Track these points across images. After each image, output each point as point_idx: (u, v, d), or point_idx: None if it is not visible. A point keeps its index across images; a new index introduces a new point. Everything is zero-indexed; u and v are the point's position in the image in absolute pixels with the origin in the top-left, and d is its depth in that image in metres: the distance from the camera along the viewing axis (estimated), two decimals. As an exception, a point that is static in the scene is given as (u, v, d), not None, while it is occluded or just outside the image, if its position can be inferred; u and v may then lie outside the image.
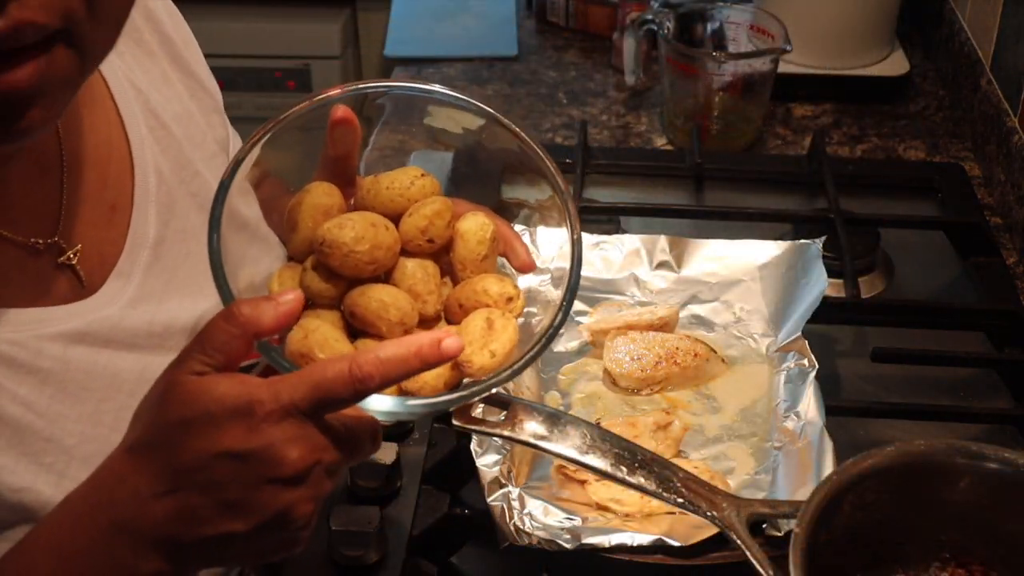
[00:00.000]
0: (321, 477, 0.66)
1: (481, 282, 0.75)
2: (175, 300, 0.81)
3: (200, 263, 0.77)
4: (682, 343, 1.04)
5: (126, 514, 0.65)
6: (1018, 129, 1.34)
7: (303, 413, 0.64)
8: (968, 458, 0.81)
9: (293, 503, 0.65)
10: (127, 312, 0.78)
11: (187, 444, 0.64)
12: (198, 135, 0.90)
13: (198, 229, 0.83)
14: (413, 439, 1.03)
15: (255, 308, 0.66)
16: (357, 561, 0.91)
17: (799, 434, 0.93)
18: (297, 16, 2.27)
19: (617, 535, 0.85)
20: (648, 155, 1.47)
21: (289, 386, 0.64)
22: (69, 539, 0.66)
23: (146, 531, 0.65)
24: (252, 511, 0.64)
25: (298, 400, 0.64)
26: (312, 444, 0.65)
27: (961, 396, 1.09)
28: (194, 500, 0.64)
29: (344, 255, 0.70)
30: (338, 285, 0.72)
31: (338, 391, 0.64)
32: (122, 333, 0.77)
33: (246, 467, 0.63)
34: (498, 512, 0.86)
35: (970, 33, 1.54)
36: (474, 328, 0.73)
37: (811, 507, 0.76)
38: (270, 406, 0.63)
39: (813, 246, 1.09)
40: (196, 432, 0.63)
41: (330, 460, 0.66)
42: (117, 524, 0.65)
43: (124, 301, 0.78)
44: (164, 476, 0.64)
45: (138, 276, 0.80)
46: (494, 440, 0.90)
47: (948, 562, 0.83)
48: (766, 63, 1.42)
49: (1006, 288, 1.21)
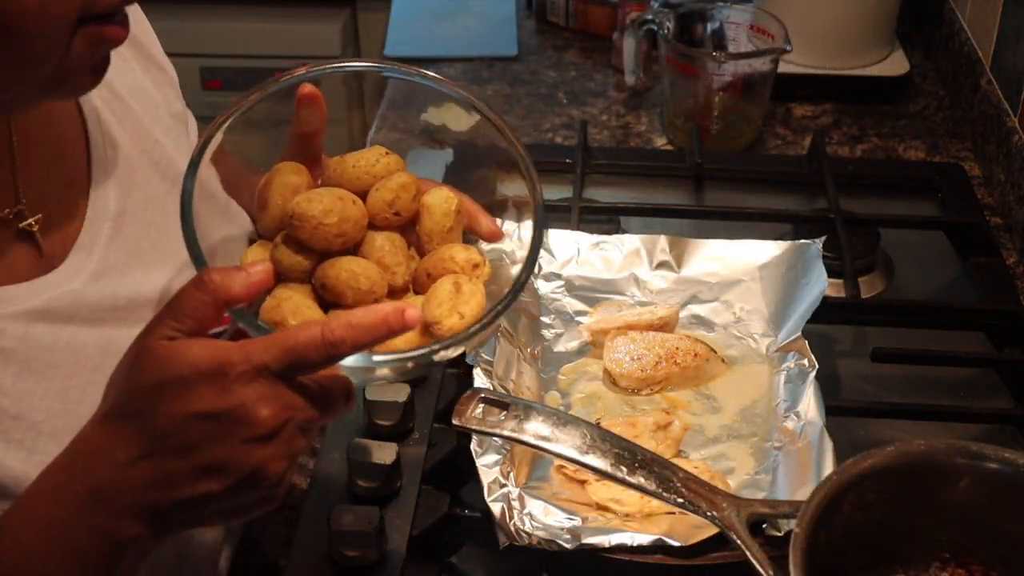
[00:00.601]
0: (294, 435, 0.67)
1: (448, 251, 0.78)
2: (139, 272, 0.81)
3: (164, 233, 0.81)
4: (682, 343, 1.04)
5: (103, 481, 0.66)
6: (1018, 129, 1.34)
7: (274, 374, 0.65)
8: (968, 458, 0.81)
9: (266, 461, 0.66)
10: (89, 286, 0.78)
11: (161, 408, 0.65)
12: (153, 108, 0.90)
13: (161, 199, 0.84)
14: (413, 439, 1.03)
15: (226, 276, 0.67)
16: (357, 561, 0.91)
17: (799, 434, 0.93)
18: (297, 16, 2.27)
19: (617, 535, 0.85)
20: (648, 155, 1.47)
21: (261, 348, 0.66)
22: (48, 510, 0.67)
23: (124, 497, 0.66)
24: (227, 471, 0.66)
25: (270, 361, 0.65)
26: (283, 403, 0.66)
27: (961, 396, 1.09)
28: (169, 463, 0.65)
29: (313, 227, 0.73)
30: (309, 258, 0.74)
31: (310, 355, 0.66)
32: (85, 308, 0.77)
33: (219, 427, 0.65)
34: (498, 512, 0.86)
35: (970, 33, 1.54)
36: (442, 292, 0.75)
37: (811, 507, 0.76)
38: (241, 367, 0.65)
39: (813, 246, 1.09)
40: (169, 395, 0.65)
41: (303, 418, 0.67)
42: (94, 492, 0.66)
43: (86, 275, 0.78)
44: (139, 441, 0.65)
45: (100, 249, 0.80)
46: (494, 440, 0.90)
47: (948, 562, 0.83)
48: (766, 63, 1.42)
49: (1006, 288, 1.21)
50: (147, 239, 0.83)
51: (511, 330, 1.03)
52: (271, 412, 0.65)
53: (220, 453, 0.65)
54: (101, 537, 0.67)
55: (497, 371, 0.98)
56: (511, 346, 1.01)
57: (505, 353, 1.00)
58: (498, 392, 0.92)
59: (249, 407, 0.65)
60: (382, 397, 1.01)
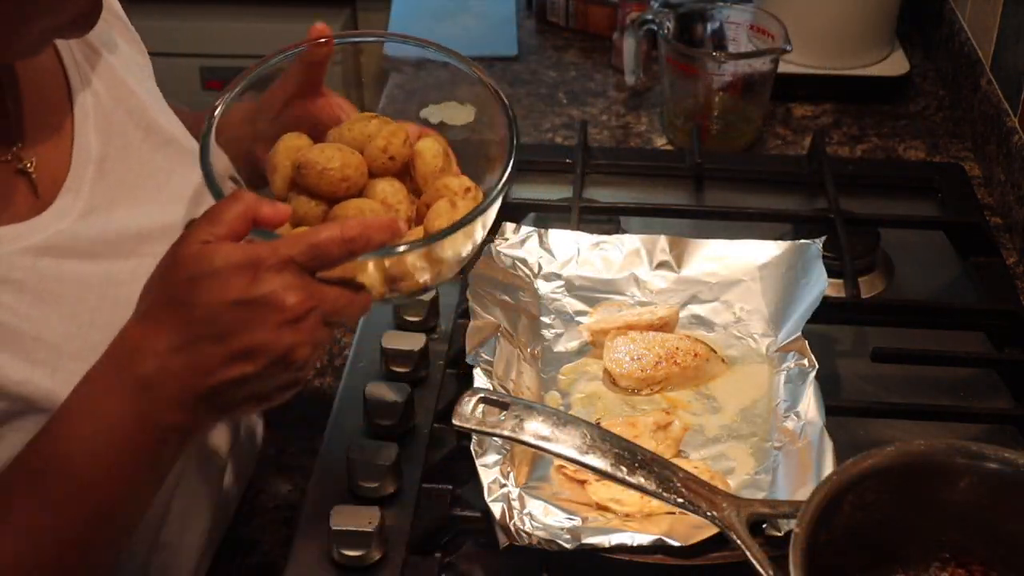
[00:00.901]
0: (318, 323, 0.74)
1: (441, 181, 0.87)
2: (123, 210, 0.87)
3: (142, 176, 0.89)
4: (682, 343, 1.04)
5: (147, 372, 0.73)
6: (1018, 129, 1.34)
7: (300, 266, 0.73)
8: (968, 458, 0.81)
9: (294, 345, 0.73)
10: (80, 224, 0.83)
11: (198, 299, 0.72)
12: (124, 59, 0.95)
13: (136, 145, 0.90)
14: (413, 439, 1.03)
15: (258, 197, 0.76)
16: (357, 561, 0.91)
17: (799, 434, 0.93)
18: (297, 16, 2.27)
19: (617, 535, 0.85)
20: (648, 155, 1.47)
21: (288, 244, 0.74)
22: (98, 403, 0.74)
23: (167, 385, 0.73)
24: (259, 354, 0.73)
25: (295, 255, 0.73)
26: (308, 292, 0.74)
27: (961, 396, 1.09)
28: (207, 350, 0.72)
29: (319, 172, 0.83)
30: (320, 205, 0.84)
31: (331, 249, 0.74)
32: (80, 243, 0.83)
33: (252, 314, 0.72)
34: (498, 512, 0.86)
35: (970, 33, 1.54)
36: (439, 208, 0.85)
37: (811, 507, 0.76)
38: (271, 260, 0.73)
39: (813, 246, 1.09)
40: (205, 287, 0.72)
41: (326, 309, 0.75)
42: (140, 382, 0.73)
43: (76, 214, 0.83)
44: (178, 332, 0.73)
45: (86, 191, 0.85)
46: (494, 440, 0.90)
47: (948, 562, 0.83)
48: (766, 63, 1.43)
49: (1006, 288, 1.21)
50: (127, 182, 0.88)
51: (511, 330, 1.03)
52: (298, 299, 0.73)
53: (253, 338, 0.72)
54: (147, 425, 0.74)
55: (497, 371, 0.98)
56: (511, 346, 1.02)
57: (505, 353, 1.00)
58: (498, 392, 0.92)
59: (279, 294, 0.72)
60: (382, 397, 1.02)
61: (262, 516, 1.00)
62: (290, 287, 0.73)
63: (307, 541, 0.95)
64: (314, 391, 1.12)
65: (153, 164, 0.90)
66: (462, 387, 0.95)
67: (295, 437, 1.07)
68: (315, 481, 1.01)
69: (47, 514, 0.74)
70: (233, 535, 0.99)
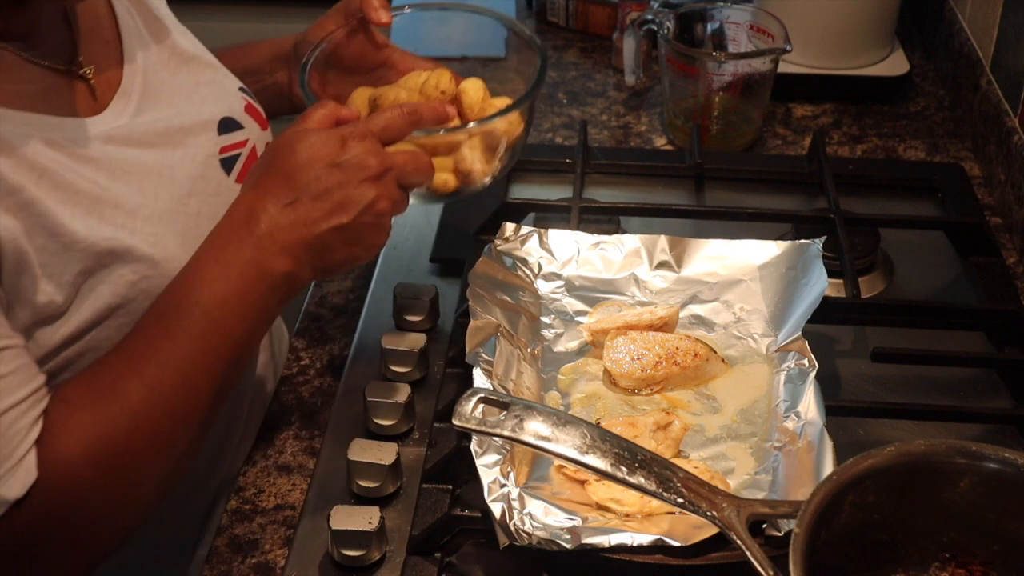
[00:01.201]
0: (393, 181, 0.95)
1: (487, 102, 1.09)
2: (165, 110, 1.03)
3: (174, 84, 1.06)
4: (682, 343, 1.04)
5: (261, 228, 0.91)
6: (1018, 129, 1.34)
7: (376, 137, 0.95)
8: (968, 458, 0.81)
9: (377, 197, 0.93)
10: (135, 121, 1.00)
11: (298, 165, 0.92)
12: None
13: (165, 61, 1.06)
14: (413, 439, 1.03)
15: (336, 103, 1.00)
16: (357, 561, 0.91)
17: (799, 434, 0.93)
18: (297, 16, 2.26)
19: (617, 535, 0.85)
20: (648, 155, 1.47)
21: (365, 122, 0.97)
22: (225, 254, 0.91)
23: (278, 237, 0.91)
24: (351, 204, 0.92)
25: (371, 127, 0.96)
26: (384, 155, 0.95)
27: (961, 396, 1.09)
28: (310, 205, 0.91)
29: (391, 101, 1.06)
30: None
31: (397, 121, 0.98)
32: (137, 135, 0.99)
33: (343, 173, 0.92)
34: (498, 512, 0.86)
35: (970, 33, 1.54)
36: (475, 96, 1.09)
37: (811, 507, 0.76)
38: (354, 132, 0.94)
39: (813, 246, 1.10)
40: (306, 155, 0.93)
41: (398, 169, 0.95)
42: (256, 237, 0.91)
43: (130, 112, 1.00)
44: (286, 193, 0.92)
45: (136, 94, 1.01)
46: (494, 440, 0.90)
47: (948, 562, 0.83)
48: (766, 63, 1.43)
49: (1006, 288, 1.21)
50: (164, 89, 1.05)
51: (511, 330, 1.03)
52: (378, 161, 0.94)
53: (345, 192, 0.92)
54: (263, 270, 0.91)
55: (497, 371, 0.98)
56: (511, 346, 1.02)
57: (505, 353, 1.00)
58: (498, 392, 0.92)
59: (363, 156, 0.93)
60: (382, 397, 1.02)
61: (262, 516, 1.00)
62: (371, 151, 0.93)
63: (307, 541, 0.95)
64: (314, 391, 1.12)
65: (180, 76, 1.07)
66: (462, 387, 0.95)
67: (295, 437, 1.07)
68: (315, 481, 1.01)
69: (183, 342, 0.89)
70: (233, 535, 0.99)
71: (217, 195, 1.02)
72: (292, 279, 0.92)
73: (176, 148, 1.01)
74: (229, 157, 1.06)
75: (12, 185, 0.86)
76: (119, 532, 0.90)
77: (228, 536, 0.99)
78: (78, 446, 0.85)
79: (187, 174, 1.00)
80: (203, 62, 1.11)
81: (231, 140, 1.07)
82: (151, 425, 0.88)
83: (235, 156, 1.07)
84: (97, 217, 0.91)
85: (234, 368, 0.93)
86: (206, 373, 0.90)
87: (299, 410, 1.11)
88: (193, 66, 1.09)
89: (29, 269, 0.87)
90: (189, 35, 1.12)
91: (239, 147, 1.08)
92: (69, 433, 0.85)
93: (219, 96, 1.09)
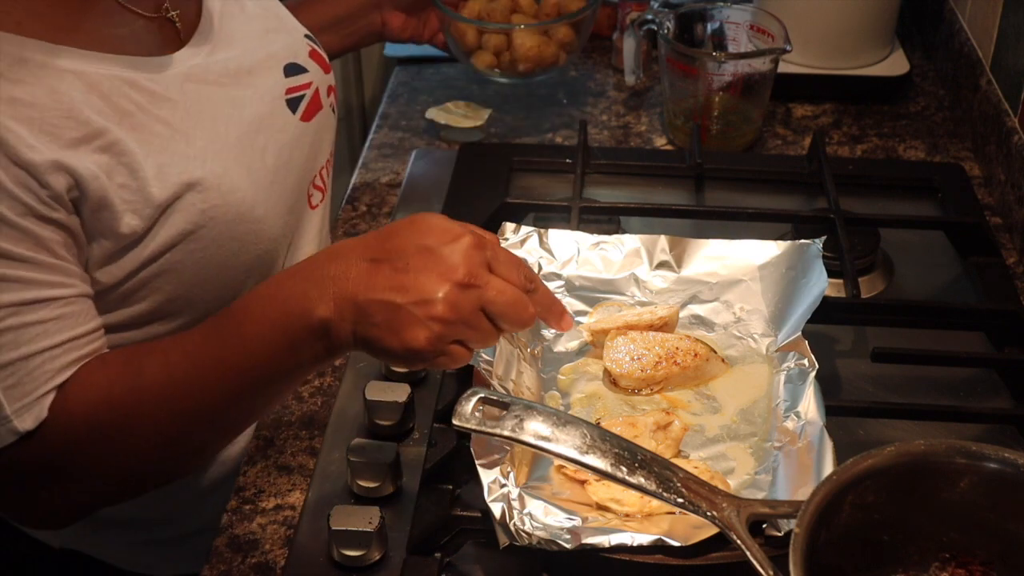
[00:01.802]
0: (475, 301, 0.86)
1: None
2: (237, 50, 1.11)
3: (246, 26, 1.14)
4: (682, 343, 1.04)
5: (332, 270, 0.88)
6: (1018, 129, 1.34)
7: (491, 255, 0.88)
8: (968, 458, 0.81)
9: (445, 301, 0.85)
10: (210, 59, 1.08)
11: (402, 234, 0.89)
12: None
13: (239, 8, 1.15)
14: (413, 439, 1.03)
15: None
16: (357, 561, 0.91)
17: (799, 434, 0.93)
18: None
19: (617, 535, 0.85)
20: (648, 155, 1.47)
21: (493, 236, 0.92)
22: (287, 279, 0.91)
23: (337, 284, 0.87)
24: (413, 289, 0.85)
25: (493, 242, 0.90)
26: (479, 269, 0.87)
27: (961, 396, 1.09)
28: (384, 271, 0.87)
29: None
30: None
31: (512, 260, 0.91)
32: (213, 74, 1.07)
33: (429, 259, 0.86)
34: (498, 512, 0.86)
35: (970, 33, 1.54)
36: None
37: (811, 507, 0.76)
38: (472, 234, 0.88)
39: (813, 246, 1.10)
40: (414, 230, 0.89)
41: (484, 293, 0.87)
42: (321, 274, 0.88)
43: (206, 51, 1.08)
44: (376, 250, 0.88)
45: (213, 35, 1.10)
46: (494, 440, 0.90)
47: (948, 562, 0.83)
48: (766, 63, 1.43)
49: (1006, 288, 1.21)
50: (238, 35, 1.13)
51: (511, 330, 1.03)
52: (470, 273, 0.86)
53: (420, 279, 0.86)
54: (305, 308, 0.88)
55: (497, 371, 0.98)
56: (511, 346, 1.02)
57: (505, 353, 1.00)
58: (498, 392, 0.92)
59: (457, 253, 0.86)
60: (382, 397, 1.02)
61: (262, 516, 1.00)
62: (467, 257, 0.87)
63: (307, 541, 0.95)
64: (314, 391, 1.12)
65: (251, 23, 1.15)
66: (462, 387, 0.95)
67: (295, 437, 1.07)
68: (315, 481, 1.01)
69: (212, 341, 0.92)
70: (233, 535, 0.99)
71: (283, 131, 1.11)
72: (330, 332, 0.88)
73: (246, 88, 1.09)
74: (295, 98, 1.15)
75: (98, 128, 0.94)
76: (112, 487, 0.99)
77: (228, 536, 0.99)
78: (84, 404, 0.92)
79: (255, 112, 1.09)
80: (272, 12, 1.21)
81: (296, 82, 1.16)
82: (156, 401, 0.93)
83: (300, 96, 1.15)
84: (167, 157, 0.99)
85: (252, 390, 0.93)
86: (221, 378, 0.92)
87: (299, 410, 1.11)
88: (263, 14, 1.18)
89: (110, 206, 0.95)
90: None
91: (304, 88, 1.16)
92: (85, 389, 0.93)
93: (285, 42, 1.18)
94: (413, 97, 1.60)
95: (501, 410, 0.86)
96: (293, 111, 1.14)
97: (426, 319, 0.85)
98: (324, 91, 1.20)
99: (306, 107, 1.16)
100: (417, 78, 1.65)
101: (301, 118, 1.15)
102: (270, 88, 1.13)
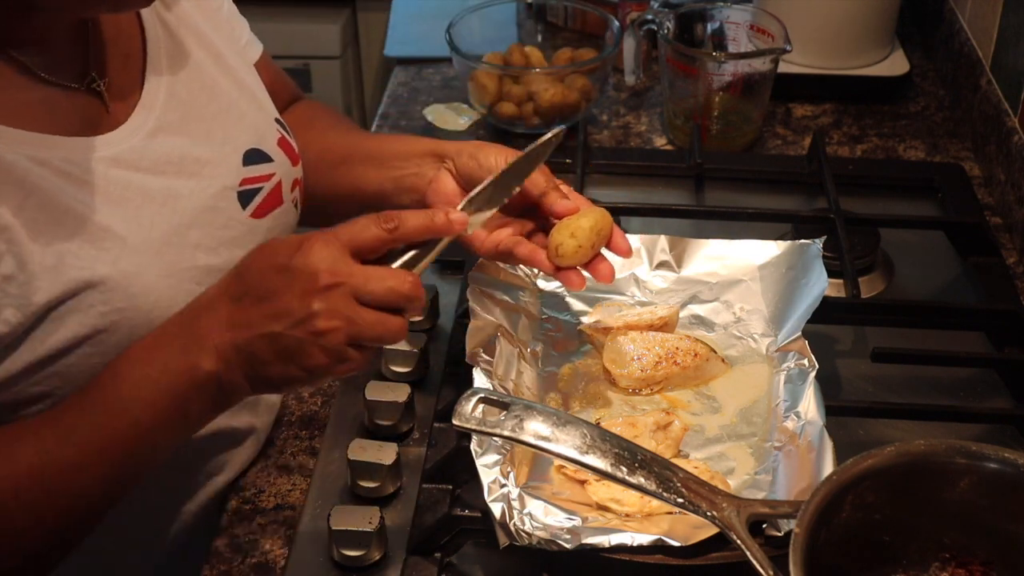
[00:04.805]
0: (346, 298, 0.83)
1: None
2: (187, 135, 0.97)
3: (202, 109, 0.99)
4: (682, 343, 1.04)
5: (202, 322, 0.85)
6: (1018, 129, 1.34)
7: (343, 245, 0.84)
8: (968, 458, 0.81)
9: (319, 312, 0.82)
10: (149, 143, 0.94)
11: (253, 264, 0.85)
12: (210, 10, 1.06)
13: (198, 79, 1.00)
14: (413, 439, 1.03)
15: None
16: (357, 561, 0.91)
17: (799, 434, 0.93)
18: (297, 16, 2.27)
19: (617, 535, 0.85)
20: (648, 155, 1.47)
21: (337, 228, 0.85)
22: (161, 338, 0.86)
23: (212, 334, 0.84)
24: (288, 313, 0.82)
25: (339, 233, 0.85)
26: (340, 268, 0.83)
27: (961, 396, 1.09)
28: (249, 307, 0.83)
29: None
30: None
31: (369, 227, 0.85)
32: (148, 161, 0.93)
33: (288, 278, 0.83)
34: (498, 512, 0.86)
35: (970, 33, 1.54)
36: None
37: (811, 507, 0.76)
38: (319, 237, 0.84)
39: (813, 246, 1.10)
40: (262, 255, 0.85)
41: (353, 287, 0.83)
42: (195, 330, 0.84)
43: (146, 132, 0.94)
44: (232, 288, 0.85)
45: (156, 113, 0.95)
46: (494, 440, 0.90)
47: (948, 562, 0.83)
48: (766, 63, 1.43)
49: (1006, 288, 1.21)
50: (192, 115, 0.98)
51: (511, 330, 1.03)
52: (329, 272, 0.82)
53: (285, 300, 0.82)
54: (188, 364, 0.84)
55: (497, 371, 0.98)
56: (511, 346, 1.02)
57: (505, 353, 1.00)
58: (498, 392, 0.92)
59: (313, 264, 0.82)
60: (382, 397, 1.02)
61: (262, 516, 1.00)
62: (325, 260, 0.83)
63: (307, 541, 0.95)
64: (314, 391, 1.12)
65: (211, 98, 1.00)
66: (462, 387, 0.95)
67: (295, 437, 1.07)
68: (315, 481, 1.01)
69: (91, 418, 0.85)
70: (233, 535, 0.99)
71: (226, 228, 0.96)
72: (221, 382, 0.84)
73: (189, 178, 0.95)
74: (249, 191, 0.99)
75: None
76: None
77: (228, 536, 0.99)
78: None
79: (194, 205, 0.94)
80: (248, 91, 1.04)
81: (255, 172, 1.00)
82: (28, 496, 0.84)
83: (256, 190, 1.00)
84: (79, 242, 0.87)
85: (135, 460, 0.87)
86: (102, 456, 0.85)
87: (299, 410, 1.11)
88: (237, 93, 1.02)
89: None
90: (253, 43, 1.12)
91: (262, 180, 1.01)
92: None
93: (253, 125, 1.02)
94: (413, 97, 1.60)
95: (501, 410, 0.86)
96: (244, 206, 0.98)
97: (311, 336, 0.82)
98: (288, 185, 1.04)
99: (260, 202, 1.00)
100: (417, 78, 1.65)
101: (252, 215, 0.99)
102: (220, 178, 0.97)
